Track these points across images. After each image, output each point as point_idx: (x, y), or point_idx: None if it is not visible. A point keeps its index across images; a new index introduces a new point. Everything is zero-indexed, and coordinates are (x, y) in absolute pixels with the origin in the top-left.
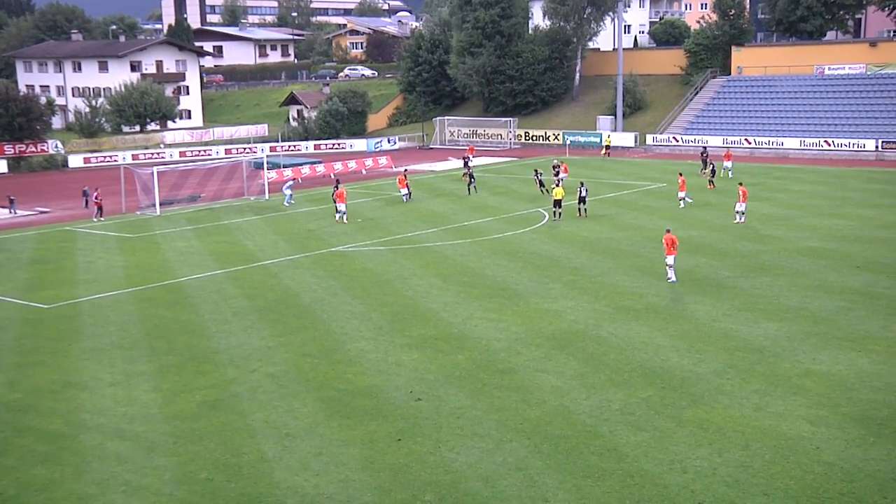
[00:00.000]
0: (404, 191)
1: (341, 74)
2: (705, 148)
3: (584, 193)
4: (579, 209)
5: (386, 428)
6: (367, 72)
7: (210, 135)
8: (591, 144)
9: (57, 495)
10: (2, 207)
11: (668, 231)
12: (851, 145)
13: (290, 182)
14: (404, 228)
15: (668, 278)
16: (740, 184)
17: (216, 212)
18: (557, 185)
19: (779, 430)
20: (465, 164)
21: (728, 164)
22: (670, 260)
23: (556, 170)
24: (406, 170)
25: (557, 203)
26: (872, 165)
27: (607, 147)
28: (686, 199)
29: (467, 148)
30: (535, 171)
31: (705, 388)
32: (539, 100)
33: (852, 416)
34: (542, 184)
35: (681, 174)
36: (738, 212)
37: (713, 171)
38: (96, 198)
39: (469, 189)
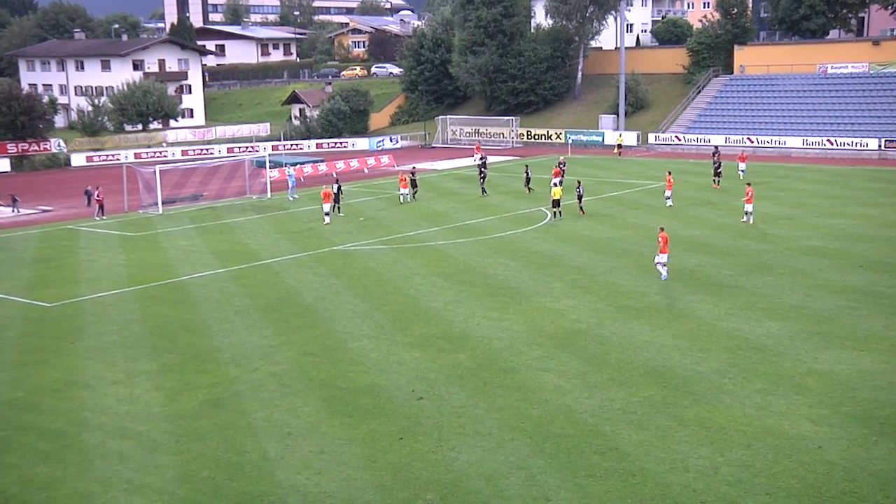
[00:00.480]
0: (405, 191)
1: (347, 73)
2: (717, 147)
3: (581, 192)
4: (580, 207)
5: (387, 427)
6: (396, 69)
7: (212, 133)
8: (592, 143)
9: (59, 493)
10: (5, 206)
11: (661, 229)
12: (854, 144)
13: (292, 172)
14: (406, 227)
15: (662, 276)
16: (748, 184)
17: (218, 210)
18: (557, 185)
19: (781, 429)
20: (484, 164)
21: (742, 165)
22: (664, 258)
23: (562, 167)
24: (415, 168)
25: (556, 203)
26: (875, 164)
27: (619, 146)
28: (668, 199)
29: (474, 146)
30: (527, 166)
31: (707, 388)
32: (541, 99)
33: (854, 416)
34: (528, 180)
35: (669, 172)
36: (746, 212)
37: (718, 171)
38: (97, 196)
39: (483, 189)
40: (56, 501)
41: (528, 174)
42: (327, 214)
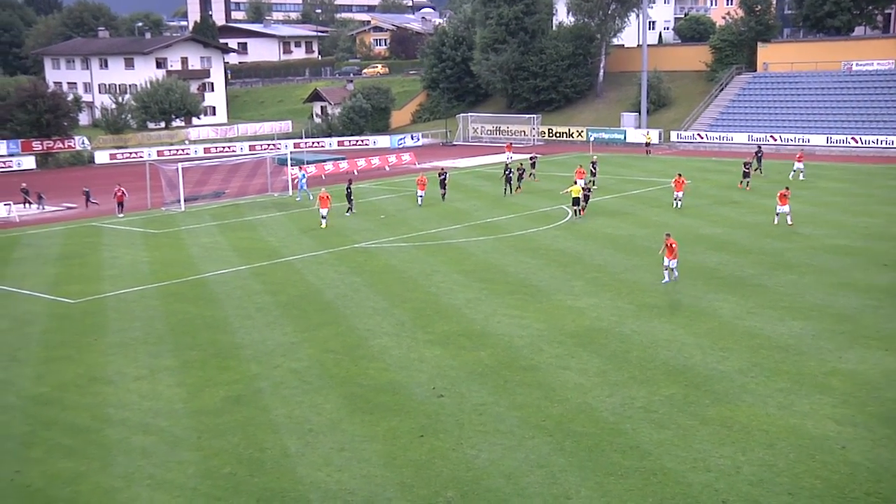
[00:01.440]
0: (422, 193)
1: (368, 71)
2: (760, 146)
3: (588, 195)
4: (583, 207)
5: (408, 424)
6: None
7: (234, 131)
8: (614, 141)
9: (83, 488)
10: (30, 203)
11: (668, 235)
12: (879, 142)
13: (304, 174)
14: (427, 225)
15: (667, 280)
16: (786, 188)
17: (240, 208)
18: (576, 184)
19: (804, 429)
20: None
21: (799, 164)
22: (673, 263)
23: (593, 166)
24: (444, 169)
25: (576, 201)
26: None
27: (648, 144)
28: (678, 201)
29: (505, 145)
30: (521, 163)
31: (729, 387)
32: (563, 96)
33: (879, 416)
34: (521, 177)
35: (679, 174)
36: (778, 213)
37: (746, 173)
38: (115, 194)
39: (506, 189)
40: (80, 496)
41: (521, 172)
42: (324, 218)
